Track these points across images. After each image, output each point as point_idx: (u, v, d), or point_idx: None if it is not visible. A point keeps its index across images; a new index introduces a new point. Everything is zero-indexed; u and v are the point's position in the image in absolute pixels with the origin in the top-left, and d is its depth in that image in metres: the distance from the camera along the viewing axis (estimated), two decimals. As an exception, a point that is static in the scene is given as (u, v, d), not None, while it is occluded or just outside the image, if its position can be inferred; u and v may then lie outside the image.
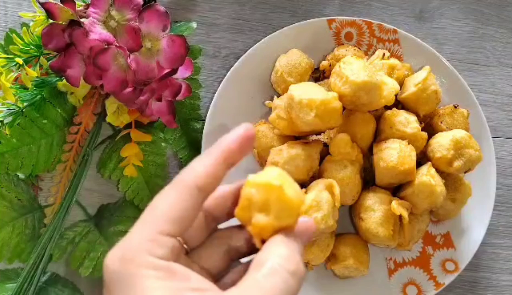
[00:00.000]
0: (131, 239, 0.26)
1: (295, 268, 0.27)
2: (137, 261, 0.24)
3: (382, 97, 0.49)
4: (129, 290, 0.24)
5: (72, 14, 0.45)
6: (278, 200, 0.27)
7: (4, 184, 0.51)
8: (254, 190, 0.27)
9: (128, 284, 0.24)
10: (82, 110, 0.53)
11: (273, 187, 0.27)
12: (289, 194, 0.27)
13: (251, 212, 0.27)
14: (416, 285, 0.54)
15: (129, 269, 0.24)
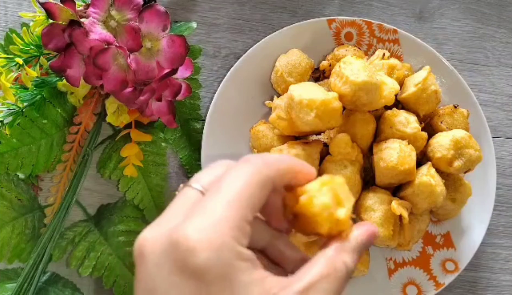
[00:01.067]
0: (223, 227, 0.24)
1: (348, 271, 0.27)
2: (235, 253, 0.24)
3: (382, 97, 0.49)
4: (230, 283, 0.23)
5: (72, 14, 0.45)
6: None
7: (4, 184, 0.51)
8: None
9: (227, 277, 0.23)
10: (82, 110, 0.53)
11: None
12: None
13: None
14: (416, 285, 0.54)
15: (229, 263, 0.23)
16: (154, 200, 0.54)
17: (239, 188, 0.25)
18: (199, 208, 0.25)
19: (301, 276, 0.26)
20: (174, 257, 0.24)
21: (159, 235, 0.25)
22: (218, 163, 0.29)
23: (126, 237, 0.53)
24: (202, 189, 0.27)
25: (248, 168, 0.26)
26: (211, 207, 0.25)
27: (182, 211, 0.26)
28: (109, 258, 0.52)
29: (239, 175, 0.26)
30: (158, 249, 0.24)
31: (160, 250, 0.24)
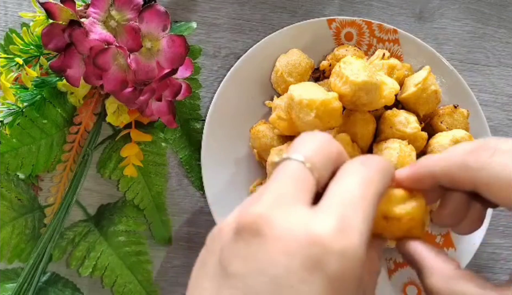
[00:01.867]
0: (363, 233, 0.25)
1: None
2: (361, 259, 0.25)
3: (382, 97, 0.49)
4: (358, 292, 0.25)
5: (72, 14, 0.45)
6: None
7: (4, 184, 0.51)
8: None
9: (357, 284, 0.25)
10: (82, 110, 0.53)
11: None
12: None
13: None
14: (416, 285, 0.54)
15: (356, 268, 0.24)
16: (154, 200, 0.54)
17: (369, 197, 0.26)
18: (325, 206, 0.25)
19: None
20: (308, 253, 0.23)
21: (288, 223, 0.23)
22: (315, 133, 0.29)
23: (126, 237, 0.53)
24: (304, 160, 0.26)
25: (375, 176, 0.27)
26: (351, 207, 0.25)
27: (296, 191, 0.25)
28: (109, 258, 0.52)
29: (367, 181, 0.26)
30: (290, 237, 0.23)
31: (292, 239, 0.23)
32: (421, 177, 0.30)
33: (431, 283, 0.28)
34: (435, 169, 0.30)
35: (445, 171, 0.30)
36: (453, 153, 0.30)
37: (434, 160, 0.30)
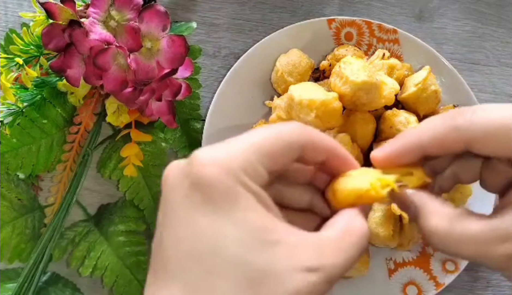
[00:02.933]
0: (231, 153, 0.26)
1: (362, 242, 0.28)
2: (239, 178, 0.25)
3: (382, 97, 0.49)
4: (229, 202, 0.24)
5: (72, 14, 0.45)
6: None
7: (4, 184, 0.51)
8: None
9: (227, 196, 0.24)
10: (82, 110, 0.53)
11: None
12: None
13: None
14: (416, 285, 0.54)
15: (231, 183, 0.25)
16: (154, 200, 0.54)
17: (264, 136, 0.27)
18: (222, 143, 0.27)
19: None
20: (187, 171, 0.25)
21: (182, 161, 0.27)
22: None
23: (126, 237, 0.53)
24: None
25: (285, 127, 0.28)
26: (233, 142, 0.27)
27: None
28: (109, 258, 0.52)
29: (273, 129, 0.28)
30: (177, 170, 0.26)
31: (178, 170, 0.26)
32: (408, 149, 0.30)
33: (433, 225, 0.28)
34: (422, 138, 0.30)
35: (434, 137, 0.30)
36: (436, 121, 0.30)
37: (418, 131, 0.30)
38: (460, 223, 0.28)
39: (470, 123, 0.28)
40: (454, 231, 0.27)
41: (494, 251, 0.26)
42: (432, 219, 0.28)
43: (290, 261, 0.24)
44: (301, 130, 0.28)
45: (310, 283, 0.24)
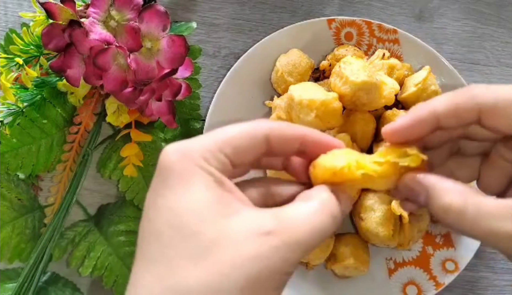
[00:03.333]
0: (193, 143, 0.27)
1: (336, 213, 0.28)
2: (196, 161, 0.26)
3: (382, 97, 0.49)
4: (184, 181, 0.26)
5: (72, 14, 0.45)
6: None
7: (4, 184, 0.51)
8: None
9: (183, 175, 0.26)
10: (82, 110, 0.53)
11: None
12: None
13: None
14: (416, 285, 0.54)
15: (188, 165, 0.26)
16: (154, 200, 0.54)
17: (228, 130, 0.28)
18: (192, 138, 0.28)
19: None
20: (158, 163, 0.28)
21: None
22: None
23: (126, 237, 0.53)
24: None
25: (251, 122, 0.29)
26: (199, 136, 0.28)
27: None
28: (109, 258, 0.52)
29: (240, 124, 0.29)
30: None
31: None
32: (421, 119, 0.30)
33: (447, 202, 0.28)
34: (437, 107, 0.30)
35: (449, 105, 0.30)
36: (450, 93, 0.30)
37: (432, 101, 0.31)
38: (475, 199, 0.27)
39: (485, 91, 0.29)
40: (469, 206, 0.27)
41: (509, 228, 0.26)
42: (446, 196, 0.28)
43: (246, 228, 0.25)
44: (266, 123, 0.29)
45: (272, 247, 0.25)
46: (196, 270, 0.24)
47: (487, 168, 0.32)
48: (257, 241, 0.25)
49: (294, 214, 0.26)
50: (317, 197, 0.28)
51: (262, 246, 0.25)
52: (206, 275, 0.24)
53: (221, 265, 0.24)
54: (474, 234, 0.27)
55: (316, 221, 0.27)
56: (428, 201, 0.29)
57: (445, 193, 0.28)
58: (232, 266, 0.24)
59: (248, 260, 0.24)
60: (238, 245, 0.25)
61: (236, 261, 0.24)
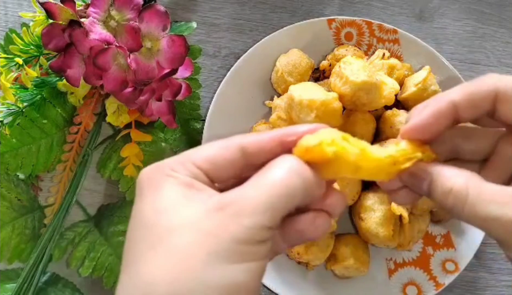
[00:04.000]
0: (165, 160, 0.29)
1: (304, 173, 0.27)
2: (165, 172, 0.28)
3: (382, 97, 0.49)
4: (153, 188, 0.28)
5: (72, 14, 0.45)
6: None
7: (4, 184, 0.51)
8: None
9: (153, 184, 0.28)
10: (82, 110, 0.53)
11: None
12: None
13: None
14: (416, 285, 0.54)
15: (157, 175, 0.28)
16: (154, 200, 0.54)
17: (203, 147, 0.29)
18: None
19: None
20: None
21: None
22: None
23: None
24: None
25: (223, 139, 0.30)
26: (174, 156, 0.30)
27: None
28: (109, 258, 0.52)
29: (213, 142, 0.30)
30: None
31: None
32: (441, 111, 0.31)
33: (449, 185, 0.28)
34: (453, 97, 0.31)
35: (465, 93, 0.30)
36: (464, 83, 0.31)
37: (447, 92, 0.31)
38: (477, 183, 0.27)
39: (501, 78, 0.29)
40: (470, 190, 0.27)
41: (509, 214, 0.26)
42: (449, 180, 0.28)
43: (202, 210, 0.26)
44: (240, 137, 0.30)
45: (224, 218, 0.25)
46: (156, 260, 0.25)
47: (487, 171, 0.32)
48: (210, 218, 0.25)
49: (250, 184, 0.26)
50: (274, 163, 0.27)
51: (214, 221, 0.25)
52: (165, 263, 0.24)
53: (177, 250, 0.25)
54: (473, 219, 0.27)
55: (276, 184, 0.26)
56: (431, 186, 0.29)
57: (448, 177, 0.28)
58: (188, 247, 0.24)
59: (204, 236, 0.25)
60: (193, 226, 0.25)
61: (192, 242, 0.25)
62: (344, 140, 0.29)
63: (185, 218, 0.26)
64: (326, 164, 0.28)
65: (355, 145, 0.29)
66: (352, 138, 0.30)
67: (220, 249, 0.24)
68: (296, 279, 0.53)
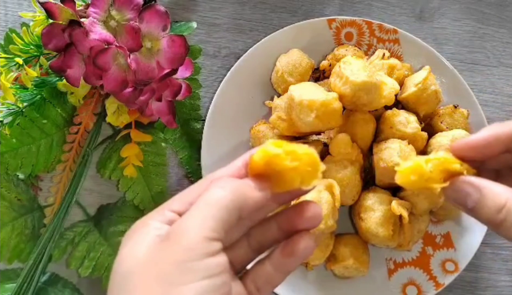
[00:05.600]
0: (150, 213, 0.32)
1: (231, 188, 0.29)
2: (143, 221, 0.30)
3: (382, 97, 0.49)
4: (132, 237, 0.30)
5: (72, 14, 0.45)
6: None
7: (4, 184, 0.51)
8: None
9: (132, 233, 0.30)
10: (82, 110, 0.53)
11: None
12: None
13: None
14: (416, 285, 0.54)
15: (137, 226, 0.30)
16: (154, 200, 0.54)
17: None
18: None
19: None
20: None
21: None
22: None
23: (126, 237, 0.53)
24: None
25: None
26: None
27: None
28: (109, 259, 0.52)
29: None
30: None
31: None
32: (503, 134, 0.32)
33: (502, 201, 0.29)
34: (506, 130, 0.31)
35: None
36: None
37: (509, 122, 0.32)
38: None
39: None
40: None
41: None
42: (501, 196, 0.29)
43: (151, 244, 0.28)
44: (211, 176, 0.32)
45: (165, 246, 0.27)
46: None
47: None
48: (156, 250, 0.28)
49: (189, 210, 0.29)
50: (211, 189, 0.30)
51: (159, 251, 0.27)
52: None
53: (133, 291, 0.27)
54: None
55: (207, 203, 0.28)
56: (481, 201, 0.30)
57: (499, 193, 0.29)
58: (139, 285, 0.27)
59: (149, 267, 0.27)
60: (142, 263, 0.27)
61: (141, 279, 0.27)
62: (276, 146, 0.29)
63: (138, 258, 0.27)
64: (273, 175, 0.30)
65: (283, 147, 0.30)
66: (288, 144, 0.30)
67: (163, 274, 0.26)
68: (296, 279, 0.53)
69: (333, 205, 0.47)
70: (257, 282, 0.31)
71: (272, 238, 0.32)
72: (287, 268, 0.31)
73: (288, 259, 0.31)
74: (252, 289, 0.31)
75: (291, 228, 0.31)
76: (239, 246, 0.32)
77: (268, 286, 0.31)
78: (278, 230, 0.32)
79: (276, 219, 0.32)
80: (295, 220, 0.31)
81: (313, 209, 0.31)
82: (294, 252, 0.31)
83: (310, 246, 0.31)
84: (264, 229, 0.32)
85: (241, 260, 0.32)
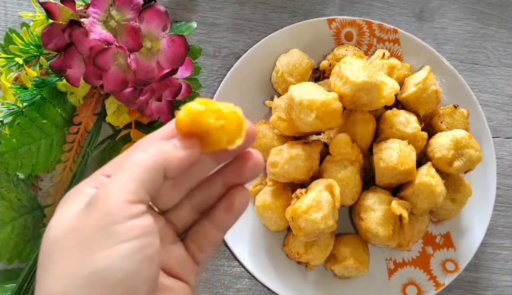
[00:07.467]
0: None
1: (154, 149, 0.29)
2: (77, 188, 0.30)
3: (382, 97, 0.49)
4: (59, 206, 0.29)
5: (72, 14, 0.45)
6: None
7: (4, 184, 0.51)
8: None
9: (61, 203, 0.29)
10: (82, 110, 0.53)
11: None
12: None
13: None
14: (416, 285, 0.54)
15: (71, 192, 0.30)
16: (154, 200, 0.54)
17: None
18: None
19: None
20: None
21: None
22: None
23: (126, 237, 0.53)
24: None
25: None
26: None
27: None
28: (109, 258, 0.52)
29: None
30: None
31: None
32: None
33: None
34: None
35: None
36: None
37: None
38: None
39: None
40: None
41: None
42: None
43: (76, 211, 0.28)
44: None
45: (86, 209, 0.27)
46: (48, 275, 0.26)
47: None
48: (79, 216, 0.27)
49: (113, 176, 0.29)
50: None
51: (81, 216, 0.27)
52: (53, 276, 0.26)
53: (58, 258, 0.26)
54: None
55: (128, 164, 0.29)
56: None
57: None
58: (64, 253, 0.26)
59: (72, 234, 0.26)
60: (65, 230, 0.27)
61: (65, 245, 0.26)
62: (200, 104, 0.29)
63: (64, 226, 0.27)
64: (200, 134, 0.29)
65: (208, 105, 0.29)
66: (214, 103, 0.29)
67: (84, 240, 0.26)
68: (296, 279, 0.53)
69: (333, 205, 0.47)
70: (198, 242, 0.31)
71: (218, 196, 0.32)
72: (226, 224, 0.31)
73: (226, 215, 0.31)
74: (195, 249, 0.31)
75: (234, 182, 0.31)
76: (179, 207, 0.32)
77: (209, 245, 0.31)
78: (223, 186, 0.32)
79: (220, 175, 0.32)
80: (237, 172, 0.31)
81: (254, 158, 0.31)
82: (231, 207, 0.31)
83: (245, 197, 0.31)
84: (209, 188, 0.32)
85: (184, 222, 0.32)
